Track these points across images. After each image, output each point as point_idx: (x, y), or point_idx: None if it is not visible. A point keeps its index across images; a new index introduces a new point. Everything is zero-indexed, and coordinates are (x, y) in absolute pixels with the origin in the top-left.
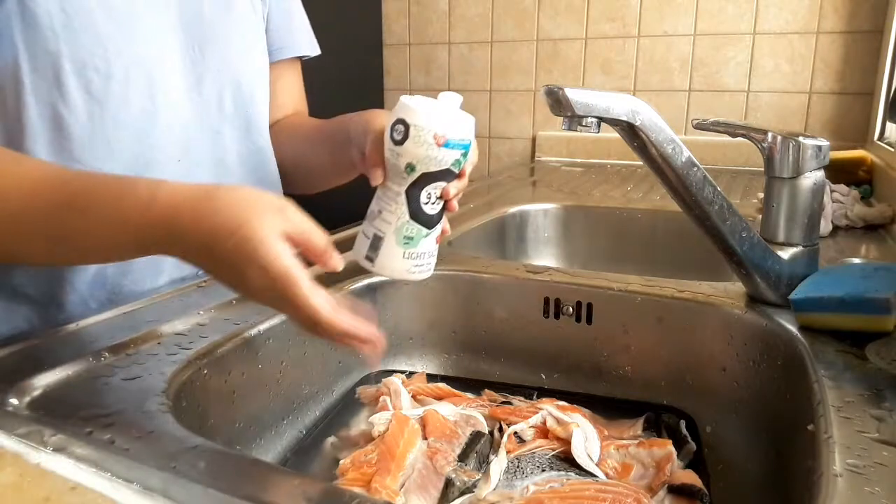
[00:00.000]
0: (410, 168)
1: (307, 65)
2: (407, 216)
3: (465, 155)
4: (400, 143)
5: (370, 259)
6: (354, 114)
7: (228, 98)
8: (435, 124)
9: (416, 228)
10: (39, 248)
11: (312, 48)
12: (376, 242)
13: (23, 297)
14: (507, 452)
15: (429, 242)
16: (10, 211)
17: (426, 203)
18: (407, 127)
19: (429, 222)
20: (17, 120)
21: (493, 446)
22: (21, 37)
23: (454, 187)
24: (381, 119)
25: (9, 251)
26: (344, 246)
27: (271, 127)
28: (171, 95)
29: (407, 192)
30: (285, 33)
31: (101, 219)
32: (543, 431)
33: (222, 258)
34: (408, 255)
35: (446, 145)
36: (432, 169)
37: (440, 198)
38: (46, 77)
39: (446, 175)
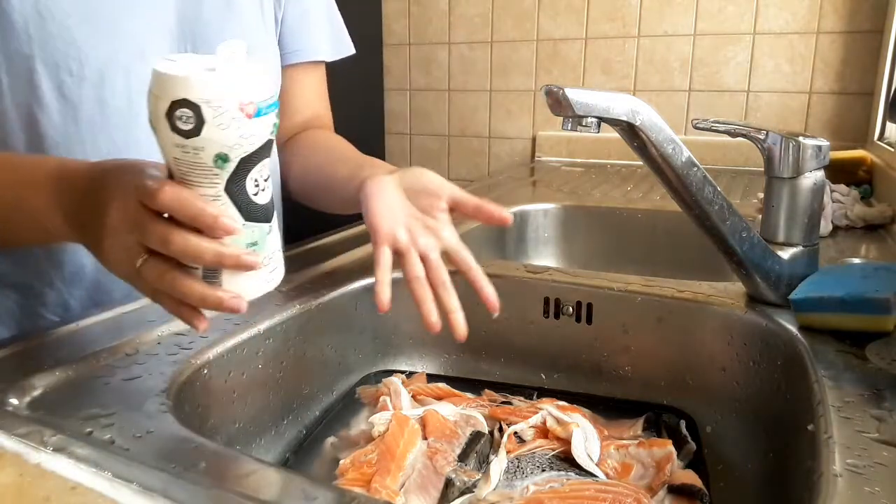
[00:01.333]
0: (222, 159)
1: None
2: (241, 220)
3: (278, 115)
4: (193, 133)
5: (212, 285)
6: (356, 170)
7: None
8: (236, 92)
9: (256, 229)
10: None
11: (336, 51)
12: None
13: (8, 286)
14: (507, 452)
15: (274, 238)
16: None
17: (255, 193)
18: (196, 108)
19: (267, 214)
20: None
21: (493, 446)
22: None
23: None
24: (376, 185)
25: None
26: (345, 246)
27: (289, 134)
28: None
29: (227, 190)
30: (300, 36)
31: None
32: (543, 431)
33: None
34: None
35: (258, 114)
36: (251, 150)
37: (267, 179)
38: (21, 79)
39: (268, 148)
